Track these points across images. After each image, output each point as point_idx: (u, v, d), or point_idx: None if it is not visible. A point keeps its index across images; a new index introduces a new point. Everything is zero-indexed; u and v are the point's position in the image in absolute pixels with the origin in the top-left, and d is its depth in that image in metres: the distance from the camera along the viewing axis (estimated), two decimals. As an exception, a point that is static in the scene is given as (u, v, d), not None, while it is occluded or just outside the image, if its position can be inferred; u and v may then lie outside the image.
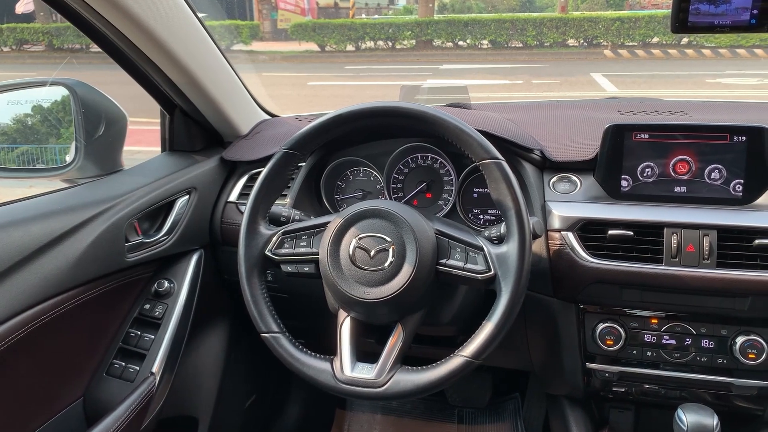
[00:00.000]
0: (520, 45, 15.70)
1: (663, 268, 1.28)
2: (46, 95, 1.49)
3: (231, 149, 1.69)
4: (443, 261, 1.13)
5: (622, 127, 1.34)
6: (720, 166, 1.31)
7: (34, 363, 1.19)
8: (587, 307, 1.39)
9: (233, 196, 1.63)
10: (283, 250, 1.21)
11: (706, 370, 1.36)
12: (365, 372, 1.12)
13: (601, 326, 1.38)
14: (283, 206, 1.31)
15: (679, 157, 1.33)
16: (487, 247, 1.11)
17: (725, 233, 1.26)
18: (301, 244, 1.21)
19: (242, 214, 1.26)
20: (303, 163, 1.58)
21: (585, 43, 15.49)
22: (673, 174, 1.34)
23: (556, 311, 1.42)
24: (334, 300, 1.20)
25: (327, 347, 1.24)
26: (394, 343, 1.13)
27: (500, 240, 1.15)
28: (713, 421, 1.23)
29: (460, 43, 16.01)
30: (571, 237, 1.33)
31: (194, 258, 1.56)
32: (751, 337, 1.30)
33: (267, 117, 1.87)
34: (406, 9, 22.44)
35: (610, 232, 1.30)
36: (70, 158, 1.44)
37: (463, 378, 1.10)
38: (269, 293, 1.22)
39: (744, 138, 1.28)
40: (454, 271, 1.12)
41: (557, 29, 15.20)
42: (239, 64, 1.69)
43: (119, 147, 1.51)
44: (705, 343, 1.34)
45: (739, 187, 1.31)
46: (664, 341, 1.36)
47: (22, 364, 1.16)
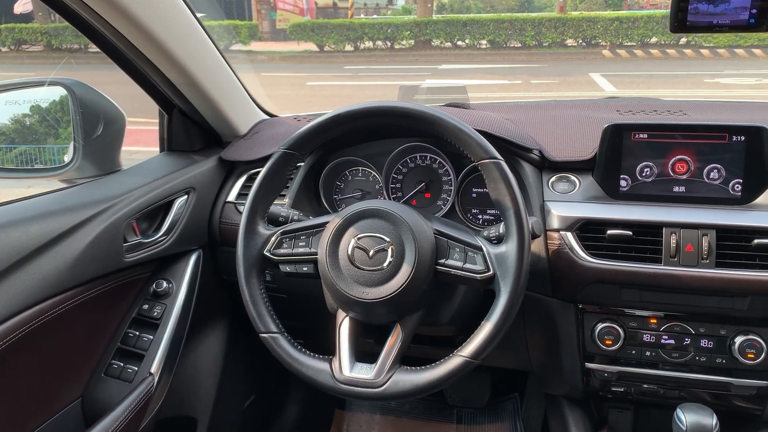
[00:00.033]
0: (519, 45, 15.70)
1: (662, 267, 1.27)
2: (44, 95, 1.48)
3: (229, 149, 1.69)
4: (442, 261, 1.12)
5: (621, 127, 1.34)
6: (719, 165, 1.31)
7: (32, 363, 1.19)
8: (586, 306, 1.39)
9: (232, 196, 1.63)
10: (282, 250, 1.21)
11: (705, 370, 1.36)
12: (364, 372, 1.11)
13: (600, 326, 1.37)
14: (281, 206, 1.31)
15: (677, 157, 1.33)
16: (486, 247, 1.11)
17: (724, 233, 1.26)
18: (300, 244, 1.21)
19: (241, 214, 1.26)
20: (302, 163, 1.57)
21: (584, 43, 15.49)
22: (671, 174, 1.34)
23: (555, 311, 1.42)
24: (333, 300, 1.20)
25: (326, 347, 1.24)
26: (392, 343, 1.13)
27: (499, 240, 1.14)
28: (712, 420, 1.23)
29: (459, 43, 16.01)
30: (570, 237, 1.33)
31: (193, 258, 1.55)
32: (750, 336, 1.30)
33: (265, 117, 1.87)
34: (405, 9, 22.42)
35: (609, 231, 1.30)
36: (69, 158, 1.44)
37: (462, 378, 1.10)
38: (268, 293, 1.22)
39: (743, 138, 1.28)
40: (453, 271, 1.12)
41: (556, 29, 15.20)
42: (238, 64, 1.68)
43: (117, 147, 1.51)
44: (704, 342, 1.34)
45: (737, 187, 1.31)
46: (663, 341, 1.36)
47: (20, 365, 1.15)
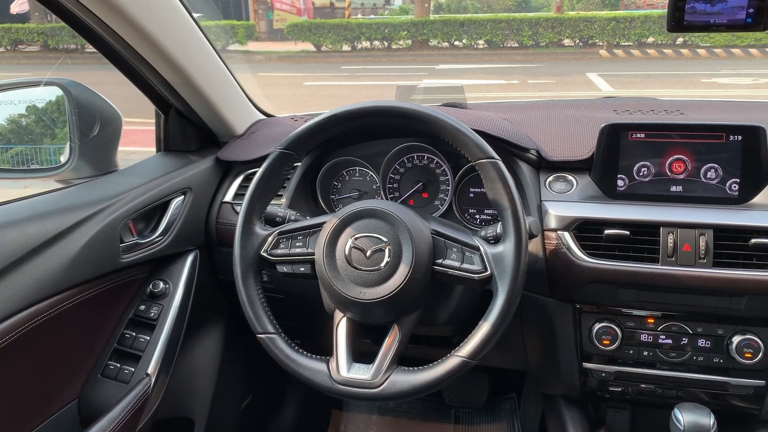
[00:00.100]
0: (516, 45, 15.70)
1: (659, 267, 1.27)
2: (40, 95, 1.48)
3: (226, 149, 1.68)
4: (439, 261, 1.12)
5: (618, 127, 1.34)
6: (716, 165, 1.31)
7: (28, 364, 1.18)
8: (583, 306, 1.39)
9: (228, 197, 1.63)
10: (279, 251, 1.20)
11: (703, 370, 1.36)
12: (361, 373, 1.11)
13: (597, 326, 1.38)
14: (278, 206, 1.31)
15: (675, 157, 1.33)
16: (484, 247, 1.11)
17: (721, 232, 1.26)
18: (297, 244, 1.20)
19: (238, 214, 1.25)
20: (299, 163, 1.57)
21: (581, 43, 15.50)
22: (669, 173, 1.34)
23: (553, 311, 1.42)
24: (330, 300, 1.19)
25: (323, 348, 1.23)
26: (390, 344, 1.13)
27: (496, 240, 1.14)
28: (710, 420, 1.23)
29: (456, 43, 16.01)
30: (567, 237, 1.33)
31: (189, 259, 1.55)
32: (748, 336, 1.30)
33: (262, 117, 1.87)
34: (402, 9, 22.40)
35: (607, 231, 1.30)
36: (65, 159, 1.43)
37: (460, 378, 1.10)
38: (265, 294, 1.21)
39: (740, 137, 1.28)
40: (451, 271, 1.11)
41: (553, 29, 15.21)
42: (235, 64, 1.68)
43: (114, 147, 1.50)
44: (701, 342, 1.34)
45: (735, 187, 1.31)
46: (660, 341, 1.36)
47: (16, 366, 1.15)
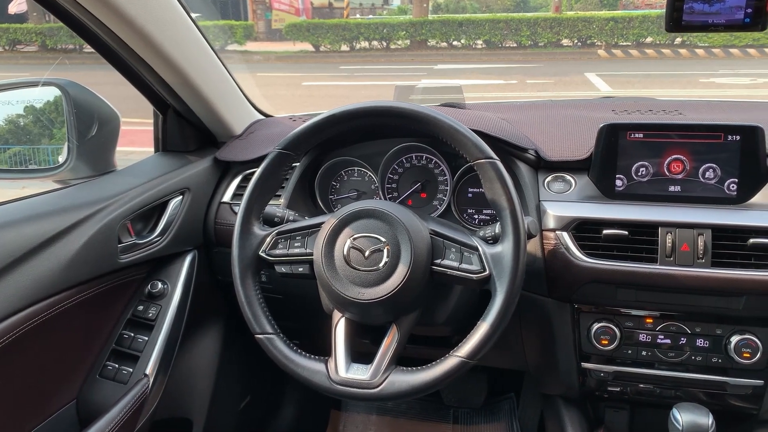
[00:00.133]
0: (515, 45, 15.71)
1: (658, 267, 1.27)
2: (38, 95, 1.48)
3: (225, 149, 1.68)
4: (438, 261, 1.12)
5: (617, 127, 1.34)
6: (714, 165, 1.31)
7: (26, 365, 1.18)
8: (582, 306, 1.39)
9: (227, 197, 1.62)
10: (277, 251, 1.20)
11: (701, 370, 1.36)
12: (360, 373, 1.11)
13: (596, 326, 1.38)
14: (277, 207, 1.31)
15: (673, 157, 1.33)
16: (482, 247, 1.11)
17: (720, 232, 1.26)
18: (296, 244, 1.20)
19: (236, 214, 1.25)
20: (297, 164, 1.57)
21: (579, 43, 15.51)
22: (667, 173, 1.34)
23: (551, 311, 1.42)
24: (329, 301, 1.19)
25: (321, 348, 1.23)
26: (388, 344, 1.13)
27: (495, 240, 1.14)
28: (708, 420, 1.23)
29: (455, 43, 16.01)
30: (565, 237, 1.33)
31: (188, 259, 1.55)
32: (746, 336, 1.30)
33: (261, 117, 1.87)
34: (401, 9, 22.39)
35: (605, 231, 1.30)
36: (63, 159, 1.43)
37: (459, 378, 1.10)
38: (263, 294, 1.21)
39: (738, 137, 1.29)
40: (449, 271, 1.11)
41: (551, 29, 15.22)
42: (233, 64, 1.68)
43: (112, 147, 1.50)
44: (700, 342, 1.34)
45: (733, 187, 1.31)
46: (659, 341, 1.36)
47: (14, 367, 1.15)
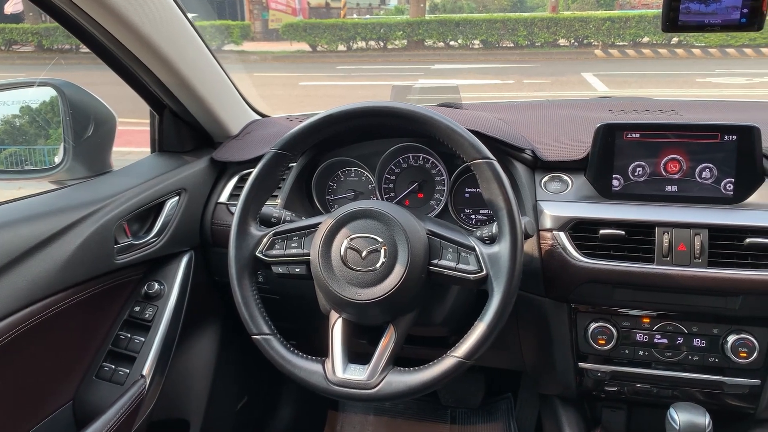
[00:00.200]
0: (512, 45, 15.73)
1: (655, 267, 1.28)
2: (34, 96, 1.47)
3: (221, 150, 1.68)
4: (435, 261, 1.12)
5: (613, 127, 1.34)
6: (711, 165, 1.31)
7: (22, 366, 1.18)
8: (579, 306, 1.39)
9: (224, 197, 1.62)
10: (274, 252, 1.20)
11: (698, 369, 1.36)
12: (357, 373, 1.11)
13: (593, 326, 1.38)
14: (273, 207, 1.31)
15: (670, 157, 1.33)
16: (479, 247, 1.11)
17: (716, 232, 1.27)
18: (292, 245, 1.20)
19: (233, 215, 1.25)
20: (294, 164, 1.57)
21: (576, 43, 15.54)
22: (664, 173, 1.34)
23: (548, 311, 1.42)
24: (326, 301, 1.19)
25: (319, 349, 1.23)
26: (386, 344, 1.13)
27: (492, 240, 1.14)
28: (705, 419, 1.23)
29: (452, 43, 16.02)
30: (562, 237, 1.33)
31: (184, 259, 1.54)
32: (743, 335, 1.30)
33: (257, 117, 1.86)
34: (398, 9, 22.44)
35: (602, 231, 1.30)
36: (59, 159, 1.43)
37: (456, 378, 1.10)
38: (260, 295, 1.21)
39: (734, 137, 1.29)
40: (446, 271, 1.11)
41: (548, 29, 15.24)
42: (230, 64, 1.68)
43: (108, 148, 1.50)
44: (697, 342, 1.34)
45: (729, 186, 1.31)
46: (656, 340, 1.36)
47: (10, 368, 1.14)
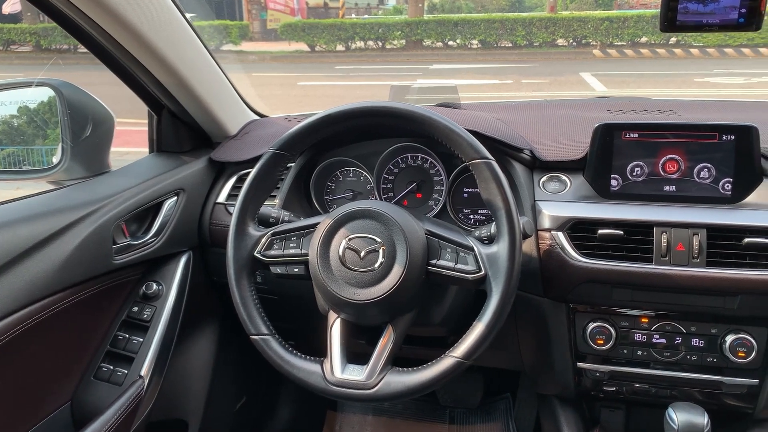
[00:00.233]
0: (510, 45, 15.74)
1: (653, 267, 1.28)
2: (32, 96, 1.47)
3: (219, 150, 1.68)
4: (433, 261, 1.12)
5: (612, 127, 1.34)
6: (709, 165, 1.31)
7: (20, 367, 1.17)
8: (577, 306, 1.39)
9: (222, 198, 1.62)
10: (273, 252, 1.20)
11: (696, 369, 1.36)
12: (356, 374, 1.11)
13: (591, 326, 1.38)
14: (272, 207, 1.30)
15: (668, 156, 1.33)
16: (478, 248, 1.11)
17: (715, 232, 1.27)
18: (291, 245, 1.20)
19: (231, 215, 1.25)
20: (292, 164, 1.57)
21: (574, 43, 15.55)
22: (662, 173, 1.34)
23: (547, 311, 1.42)
24: (324, 301, 1.19)
25: (317, 349, 1.23)
26: (384, 345, 1.13)
27: (490, 240, 1.14)
28: (704, 419, 1.24)
29: (450, 43, 16.03)
30: (561, 237, 1.33)
31: (183, 260, 1.54)
32: (741, 335, 1.30)
33: (256, 117, 1.86)
34: (396, 9, 22.43)
35: (600, 231, 1.30)
36: (57, 160, 1.43)
37: (454, 378, 1.10)
38: (258, 295, 1.21)
39: (733, 137, 1.29)
40: (445, 271, 1.11)
41: (546, 29, 15.25)
42: (228, 64, 1.67)
43: (106, 148, 1.50)
44: (695, 341, 1.34)
45: (728, 186, 1.31)
46: (654, 340, 1.36)
47: (9, 368, 1.14)
